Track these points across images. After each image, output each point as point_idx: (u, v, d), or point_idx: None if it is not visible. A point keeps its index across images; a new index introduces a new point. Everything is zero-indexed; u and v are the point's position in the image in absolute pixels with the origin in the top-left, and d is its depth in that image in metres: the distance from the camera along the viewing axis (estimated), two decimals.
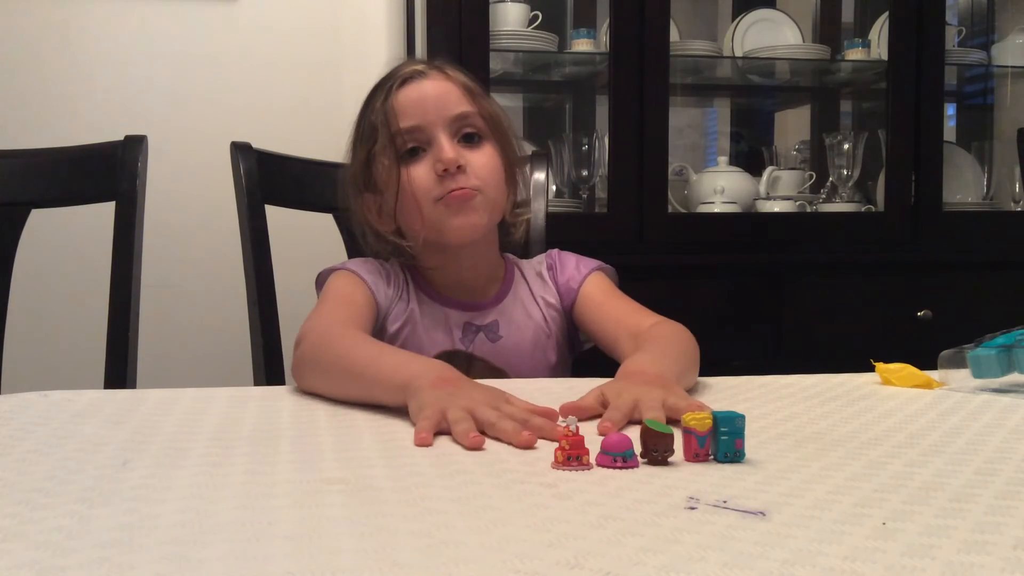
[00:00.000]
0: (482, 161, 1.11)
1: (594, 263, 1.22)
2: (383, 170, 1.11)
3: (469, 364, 1.13)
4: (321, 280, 1.16)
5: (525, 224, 1.23)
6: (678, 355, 0.99)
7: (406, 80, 1.12)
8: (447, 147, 1.09)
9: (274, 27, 2.24)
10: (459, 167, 1.08)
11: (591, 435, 0.73)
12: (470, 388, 0.81)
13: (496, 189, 1.13)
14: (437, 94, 1.11)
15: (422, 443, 0.70)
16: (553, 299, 1.20)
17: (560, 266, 1.22)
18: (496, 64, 2.16)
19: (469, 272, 1.16)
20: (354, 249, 1.40)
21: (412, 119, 1.10)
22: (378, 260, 1.17)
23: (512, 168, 1.16)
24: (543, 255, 1.25)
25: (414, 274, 1.17)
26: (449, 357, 1.10)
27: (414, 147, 1.11)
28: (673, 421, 0.74)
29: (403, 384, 0.81)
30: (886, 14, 2.25)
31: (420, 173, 1.10)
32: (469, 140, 1.12)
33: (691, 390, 0.98)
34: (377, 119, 1.12)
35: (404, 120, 1.10)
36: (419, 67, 1.13)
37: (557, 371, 1.19)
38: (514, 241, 1.22)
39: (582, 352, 1.25)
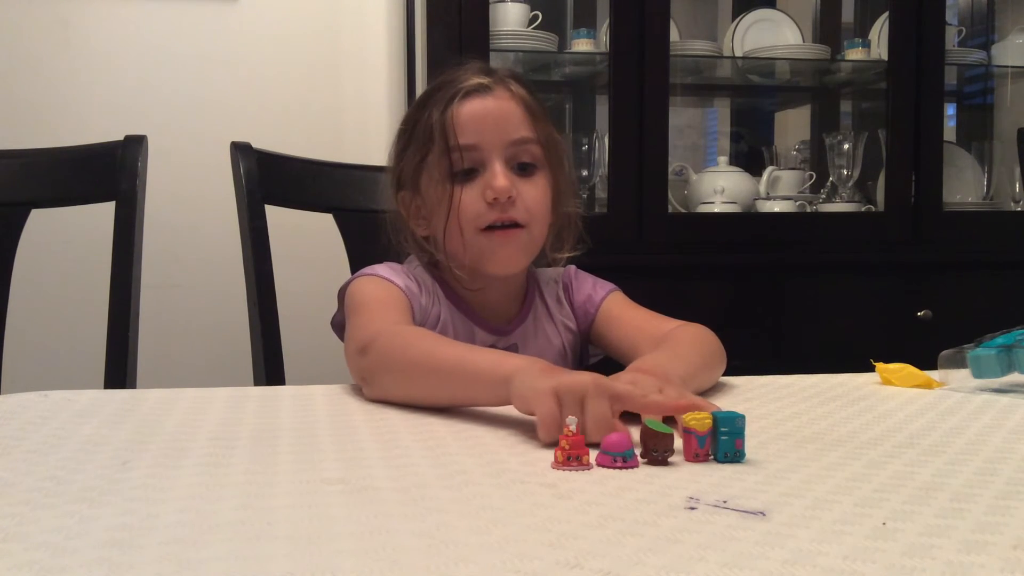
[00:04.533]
0: (533, 194, 1.08)
1: (610, 285, 1.20)
2: (433, 184, 1.08)
3: None
4: (346, 290, 1.10)
5: (564, 260, 1.18)
6: (690, 356, 0.97)
7: (469, 93, 1.08)
8: (500, 175, 1.05)
9: (274, 28, 2.24)
10: (509, 198, 1.06)
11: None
12: (578, 375, 0.75)
13: (541, 224, 1.10)
14: (500, 114, 1.08)
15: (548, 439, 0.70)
16: (570, 322, 1.18)
17: (576, 287, 1.20)
18: (496, 64, 2.15)
19: (497, 297, 1.14)
20: (355, 250, 1.40)
21: (471, 137, 1.07)
22: (404, 265, 1.14)
23: (559, 197, 1.13)
24: (560, 271, 1.22)
25: (441, 282, 1.14)
26: None
27: (469, 166, 1.07)
28: (668, 419, 0.74)
29: (506, 378, 0.78)
30: (886, 14, 2.25)
31: (470, 198, 1.07)
32: (523, 167, 1.09)
33: (711, 390, 0.98)
34: (435, 128, 1.08)
35: (463, 136, 1.07)
36: (484, 80, 1.09)
37: None
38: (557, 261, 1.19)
39: (589, 367, 1.24)
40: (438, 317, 1.11)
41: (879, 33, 2.31)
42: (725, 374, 1.04)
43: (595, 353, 1.22)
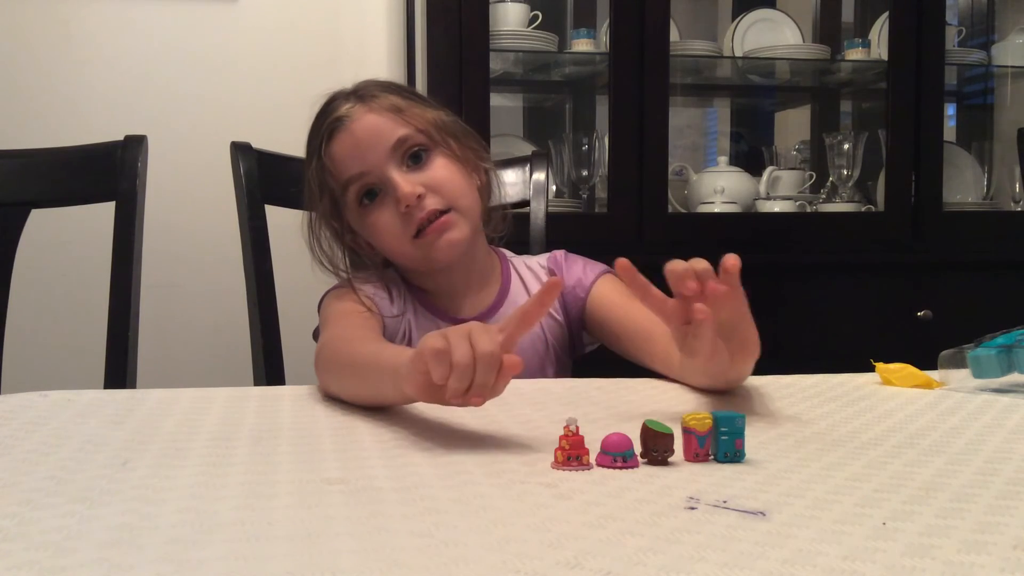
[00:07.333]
0: (439, 176, 1.09)
1: (602, 266, 1.18)
2: (355, 221, 1.11)
3: None
4: (323, 304, 1.14)
5: (501, 214, 1.19)
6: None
7: (332, 132, 1.09)
8: (401, 183, 1.06)
9: (274, 27, 2.24)
10: (419, 197, 1.06)
11: (591, 435, 0.73)
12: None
13: (465, 196, 1.10)
14: (368, 133, 1.08)
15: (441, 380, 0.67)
16: (557, 313, 1.16)
17: (566, 271, 1.18)
18: (496, 64, 2.16)
19: (460, 281, 1.14)
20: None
21: (353, 167, 1.08)
22: (374, 273, 1.15)
23: (470, 163, 1.13)
24: (545, 256, 1.21)
25: (409, 285, 1.16)
26: None
27: (370, 190, 1.09)
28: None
29: (395, 369, 0.75)
30: (886, 14, 2.25)
31: (387, 219, 1.08)
32: (417, 159, 1.09)
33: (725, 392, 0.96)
34: (316, 180, 1.10)
35: (346, 171, 1.08)
36: (341, 111, 1.10)
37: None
38: (496, 234, 1.19)
39: (583, 355, 1.23)
40: (409, 323, 1.12)
41: (879, 33, 2.32)
42: None
43: (589, 342, 1.20)
